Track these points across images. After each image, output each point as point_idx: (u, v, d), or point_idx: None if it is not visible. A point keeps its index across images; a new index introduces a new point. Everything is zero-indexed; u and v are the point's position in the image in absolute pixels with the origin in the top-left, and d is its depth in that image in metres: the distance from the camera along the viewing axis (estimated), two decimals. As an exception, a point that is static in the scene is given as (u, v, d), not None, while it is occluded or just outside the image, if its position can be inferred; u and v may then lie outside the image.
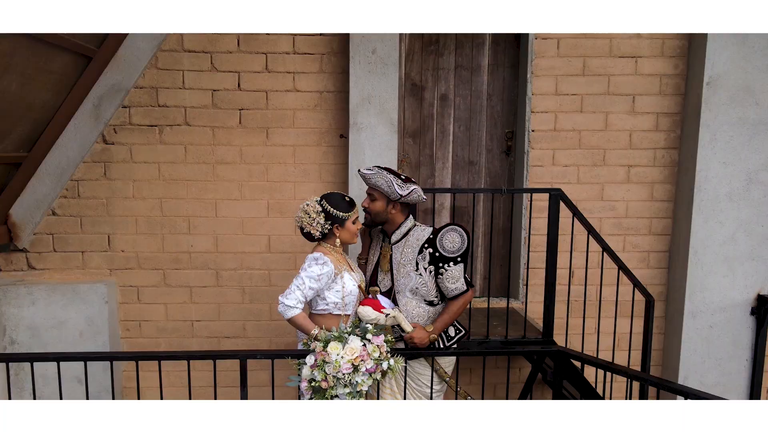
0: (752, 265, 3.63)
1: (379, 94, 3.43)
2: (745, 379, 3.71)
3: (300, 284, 2.36)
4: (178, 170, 3.58)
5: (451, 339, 2.68)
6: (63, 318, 3.44)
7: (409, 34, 3.69)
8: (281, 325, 3.73)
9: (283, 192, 3.64)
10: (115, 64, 3.42)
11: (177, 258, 3.65)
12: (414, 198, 2.58)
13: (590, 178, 3.72)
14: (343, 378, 2.33)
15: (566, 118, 3.66)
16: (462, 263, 2.55)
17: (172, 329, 3.71)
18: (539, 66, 3.60)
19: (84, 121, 3.45)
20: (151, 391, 3.60)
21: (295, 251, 3.67)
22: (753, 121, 3.50)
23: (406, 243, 2.62)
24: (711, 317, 3.66)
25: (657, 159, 3.71)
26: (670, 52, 3.61)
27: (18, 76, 2.87)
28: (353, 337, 2.36)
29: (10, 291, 3.41)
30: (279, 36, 3.48)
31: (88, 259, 3.60)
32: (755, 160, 3.54)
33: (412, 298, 2.61)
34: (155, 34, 3.41)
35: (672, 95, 3.65)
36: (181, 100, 3.51)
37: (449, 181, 3.85)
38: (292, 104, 3.56)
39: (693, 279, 3.62)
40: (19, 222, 3.51)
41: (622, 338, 3.69)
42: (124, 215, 3.59)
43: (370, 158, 3.44)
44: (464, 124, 3.81)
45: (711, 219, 3.58)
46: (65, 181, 3.51)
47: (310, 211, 2.41)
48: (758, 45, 3.44)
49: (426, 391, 2.69)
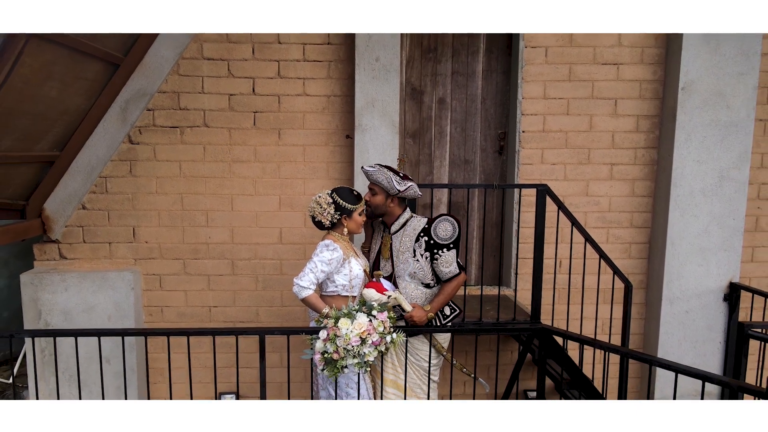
0: (724, 255, 3.94)
1: (382, 98, 3.75)
2: (718, 360, 4.03)
3: (313, 267, 2.69)
4: (197, 168, 3.89)
5: (446, 317, 3.00)
6: (93, 303, 3.76)
7: (409, 42, 4.00)
8: (292, 311, 4.05)
9: (293, 188, 3.95)
10: (140, 71, 3.73)
11: (196, 248, 3.97)
12: (410, 194, 2.90)
13: (576, 175, 4.03)
14: (352, 350, 2.63)
15: (554, 120, 3.97)
16: (454, 249, 2.87)
17: (192, 314, 4.03)
18: (529, 72, 3.92)
19: (112, 122, 3.77)
20: (175, 372, 3.92)
21: (304, 242, 3.98)
22: (724, 123, 3.81)
23: (404, 232, 2.93)
24: (687, 303, 3.97)
25: (637, 158, 4.02)
26: (648, 60, 3.92)
27: (57, 82, 3.19)
28: (360, 314, 2.67)
29: (45, 278, 3.73)
30: (290, 45, 3.80)
31: (114, 249, 3.92)
32: (727, 159, 3.85)
33: (411, 281, 2.93)
34: (177, 43, 3.72)
35: (651, 99, 3.96)
36: (200, 103, 3.83)
37: (446, 178, 4.17)
38: (302, 107, 3.88)
39: (670, 268, 3.94)
40: (52, 215, 3.83)
41: (606, 323, 4.01)
42: (147, 209, 3.90)
43: (374, 157, 3.76)
44: (460, 126, 4.13)
45: (686, 213, 3.89)
46: (94, 177, 3.83)
47: (322, 203, 2.73)
48: (729, 53, 3.75)
49: (424, 365, 3.01)
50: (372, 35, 3.68)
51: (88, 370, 3.66)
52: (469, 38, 4.03)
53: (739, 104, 3.79)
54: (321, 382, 2.98)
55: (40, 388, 3.78)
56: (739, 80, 3.77)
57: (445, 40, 4.02)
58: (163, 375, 3.99)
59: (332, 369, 2.69)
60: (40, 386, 3.78)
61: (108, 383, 3.63)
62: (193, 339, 3.44)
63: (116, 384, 3.74)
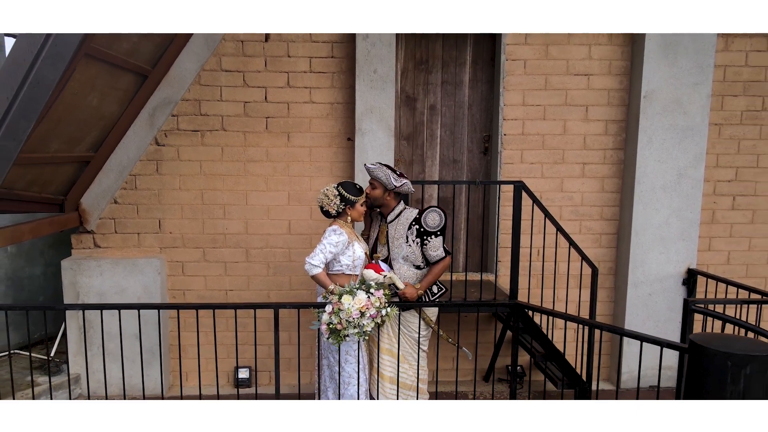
0: (683, 244, 4.44)
1: (379, 105, 4.25)
2: (677, 337, 4.52)
3: (322, 249, 3.19)
4: (215, 167, 4.39)
5: (434, 295, 3.50)
6: (124, 286, 4.26)
7: (404, 56, 4.51)
8: (299, 294, 4.55)
9: (301, 184, 4.45)
10: (166, 82, 4.23)
11: (214, 238, 4.46)
12: (405, 189, 3.40)
13: (552, 173, 4.54)
14: (352, 321, 3.12)
15: (532, 125, 4.47)
16: (441, 236, 3.37)
17: (210, 297, 4.53)
18: (510, 82, 4.42)
19: (141, 127, 4.27)
20: (194, 350, 4.42)
21: (310, 233, 4.48)
22: (682, 127, 4.32)
23: (398, 222, 3.44)
24: (650, 287, 4.47)
25: (606, 158, 4.53)
26: (615, 71, 4.42)
27: (98, 93, 3.69)
28: (360, 291, 3.16)
29: (83, 264, 4.23)
30: (298, 58, 4.30)
31: (142, 239, 4.42)
32: (684, 159, 4.35)
33: (404, 264, 3.43)
34: (198, 56, 4.22)
35: (617, 106, 4.46)
36: (219, 110, 4.33)
37: (437, 176, 4.67)
38: (308, 113, 4.37)
39: (635, 256, 4.44)
40: (88, 209, 4.33)
41: (579, 305, 4.49)
42: (172, 203, 4.40)
43: (372, 157, 4.26)
44: (449, 129, 4.63)
45: (649, 207, 4.39)
46: (125, 175, 4.32)
47: (329, 194, 3.24)
48: (685, 66, 4.25)
49: (415, 335, 3.52)
50: (371, 50, 4.18)
51: (119, 346, 4.15)
52: (457, 52, 4.54)
53: (695, 111, 4.29)
54: (323, 352, 3.47)
55: (78, 361, 4.28)
56: (695, 89, 4.28)
57: (436, 54, 4.53)
58: (185, 351, 4.48)
59: (336, 337, 3.18)
60: (77, 360, 4.28)
61: (135, 357, 4.13)
62: (208, 320, 3.95)
63: (144, 358, 4.23)
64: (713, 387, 2.36)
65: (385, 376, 3.51)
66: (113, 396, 4.27)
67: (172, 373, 4.57)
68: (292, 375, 4.54)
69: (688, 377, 2.43)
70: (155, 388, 4.31)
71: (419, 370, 3.55)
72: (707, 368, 2.37)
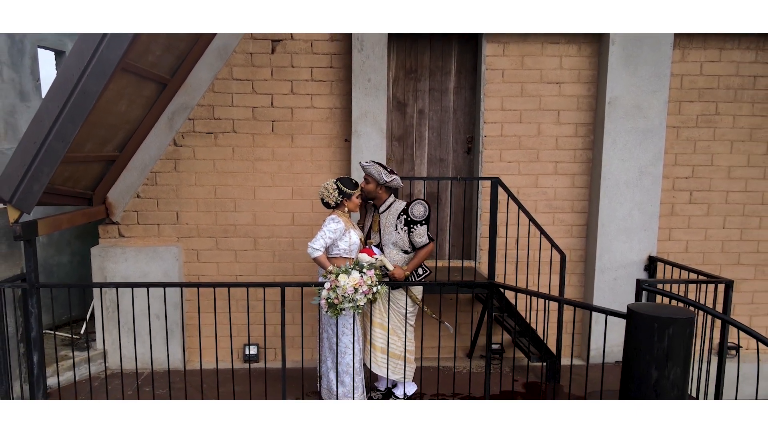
0: (644, 234, 4.97)
1: (373, 110, 4.77)
2: (640, 318, 5.05)
3: (323, 235, 3.72)
4: (227, 165, 4.92)
5: (419, 276, 4.03)
6: (147, 271, 4.79)
7: (395, 65, 5.04)
8: (302, 278, 5.07)
9: (303, 181, 4.98)
10: (183, 89, 4.76)
11: (226, 229, 4.99)
12: (394, 184, 3.92)
13: (528, 171, 5.06)
14: (347, 296, 3.65)
15: (510, 127, 5.00)
16: (426, 225, 3.89)
17: (222, 281, 5.04)
18: (489, 89, 4.94)
19: (161, 129, 4.79)
20: (207, 328, 4.94)
21: (311, 224, 5.01)
22: (642, 130, 4.84)
23: (389, 212, 3.96)
24: (615, 272, 5.00)
25: (576, 157, 5.05)
26: (584, 80, 4.95)
27: (126, 100, 4.21)
28: (354, 271, 3.68)
29: (109, 251, 4.76)
30: (301, 68, 4.82)
31: (162, 229, 4.95)
32: (645, 158, 4.88)
33: (393, 249, 3.95)
34: (212, 67, 4.75)
35: (586, 110, 4.99)
36: (230, 114, 4.85)
37: (425, 173, 5.19)
38: (310, 117, 4.90)
39: (601, 244, 4.97)
40: (114, 203, 4.86)
41: (552, 289, 5.02)
42: (188, 198, 4.93)
43: (367, 156, 4.78)
44: (436, 131, 5.16)
45: (613, 201, 4.92)
46: (147, 173, 4.85)
47: (329, 188, 3.77)
48: (645, 75, 4.78)
49: (403, 311, 4.04)
50: (365, 61, 4.71)
51: (143, 324, 4.68)
52: (443, 62, 5.07)
53: (654, 115, 4.82)
54: (323, 326, 3.99)
55: (105, 338, 4.80)
56: (653, 96, 4.81)
57: (424, 64, 5.06)
58: (199, 330, 4.98)
59: (333, 311, 3.70)
60: (105, 337, 4.80)
61: (155, 333, 4.64)
62: (221, 302, 4.46)
63: (163, 335, 4.75)
64: (645, 344, 2.90)
65: (377, 346, 4.03)
66: (137, 370, 4.79)
67: (188, 349, 5.09)
68: (296, 351, 5.05)
69: (627, 337, 2.98)
70: (173, 362, 4.83)
71: (407, 342, 4.08)
72: (639, 329, 2.92)
